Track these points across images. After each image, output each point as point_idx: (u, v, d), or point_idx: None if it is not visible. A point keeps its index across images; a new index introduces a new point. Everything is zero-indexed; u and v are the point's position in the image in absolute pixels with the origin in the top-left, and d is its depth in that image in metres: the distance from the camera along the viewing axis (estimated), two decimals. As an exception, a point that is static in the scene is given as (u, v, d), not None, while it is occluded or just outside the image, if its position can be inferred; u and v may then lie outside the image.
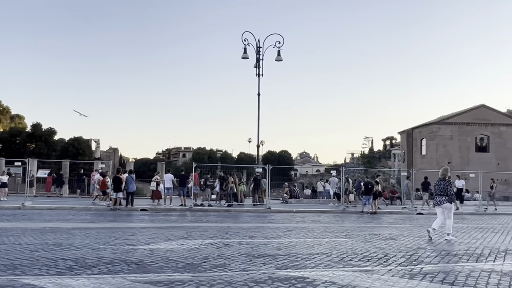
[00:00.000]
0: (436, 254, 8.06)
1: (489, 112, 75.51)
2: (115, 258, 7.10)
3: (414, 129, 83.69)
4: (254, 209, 19.47)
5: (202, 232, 10.75)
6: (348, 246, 8.91)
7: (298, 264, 6.94)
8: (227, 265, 6.73)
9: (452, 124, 74.19)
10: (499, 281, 6.01)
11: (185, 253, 7.68)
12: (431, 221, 15.80)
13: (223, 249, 8.28)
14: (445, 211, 10.22)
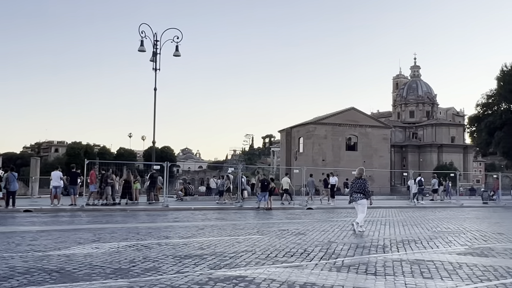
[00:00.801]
0: (348, 247, 8.73)
1: (358, 115, 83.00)
2: (30, 267, 6.39)
3: (292, 128, 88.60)
4: (151, 207, 18.91)
5: (111, 234, 10.16)
6: (266, 242, 9.19)
7: (229, 263, 6.98)
8: (159, 268, 6.50)
9: (327, 124, 79.99)
10: (411, 268, 6.77)
11: (107, 258, 7.21)
12: (324, 215, 17.06)
13: (145, 251, 7.95)
14: (360, 206, 11.19)
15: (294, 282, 5.78)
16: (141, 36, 21.23)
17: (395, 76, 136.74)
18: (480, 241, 10.03)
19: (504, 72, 38.02)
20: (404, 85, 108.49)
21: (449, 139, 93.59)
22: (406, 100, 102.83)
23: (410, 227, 12.78)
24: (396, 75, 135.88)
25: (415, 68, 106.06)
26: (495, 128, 43.42)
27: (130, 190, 19.44)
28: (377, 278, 6.12)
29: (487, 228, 12.85)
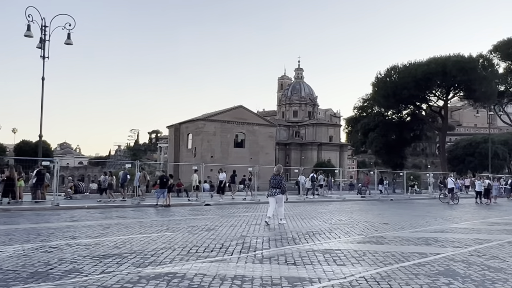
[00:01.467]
0: (262, 240, 9.17)
1: (246, 113, 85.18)
2: None
3: (181, 124, 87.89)
4: (39, 206, 17.47)
5: (7, 236, 9.30)
6: (182, 239, 9.22)
7: (153, 260, 6.93)
8: (81, 270, 6.23)
9: (216, 121, 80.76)
10: (324, 257, 7.41)
11: (16, 261, 6.68)
12: (225, 211, 17.43)
13: (56, 252, 7.49)
14: (278, 201, 12.04)
15: (225, 275, 6.00)
16: (28, 20, 19.39)
17: (280, 77, 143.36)
18: (372, 230, 11.24)
19: (378, 79, 42.40)
20: (289, 86, 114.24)
21: (327, 138, 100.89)
22: (290, 101, 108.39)
23: (308, 220, 13.73)
24: (281, 76, 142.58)
25: (299, 70, 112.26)
26: (369, 129, 48.19)
27: (13, 188, 17.72)
28: (298, 267, 6.62)
29: (373, 219, 14.38)
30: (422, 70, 38.37)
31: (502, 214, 18.19)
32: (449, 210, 19.53)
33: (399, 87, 39.03)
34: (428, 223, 13.35)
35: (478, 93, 40.55)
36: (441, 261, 7.23)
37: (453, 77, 37.55)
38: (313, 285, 5.58)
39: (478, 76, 38.04)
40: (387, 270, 6.52)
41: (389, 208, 20.56)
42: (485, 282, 5.86)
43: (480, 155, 59.62)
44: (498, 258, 7.61)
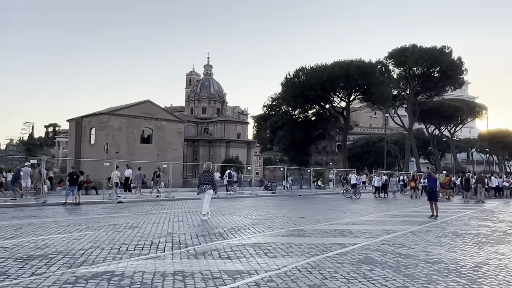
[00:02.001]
0: (190, 237, 9.29)
1: (154, 108, 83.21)
2: None
3: (83, 117, 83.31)
4: None
5: None
6: (107, 238, 9.00)
7: (85, 260, 6.76)
8: (7, 272, 5.89)
9: (121, 116, 77.79)
10: (255, 251, 7.77)
11: None
12: (141, 208, 17.08)
13: (-30, 256, 6.92)
14: (206, 196, 12.45)
15: (164, 272, 6.09)
16: None
17: (188, 73, 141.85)
18: (291, 224, 11.88)
19: (287, 79, 44.15)
20: (198, 82, 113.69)
21: (236, 135, 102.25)
22: (199, 97, 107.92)
23: (229, 216, 14.03)
24: (190, 72, 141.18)
25: (208, 67, 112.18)
26: (278, 127, 49.98)
27: None
28: (233, 261, 6.89)
29: (290, 214, 15.12)
30: (327, 73, 40.77)
31: (399, 207, 20.12)
32: (354, 204, 21.11)
33: (306, 88, 41.03)
34: (339, 217, 14.39)
35: (376, 96, 44.11)
36: (359, 250, 7.96)
37: (355, 80, 40.46)
38: (252, 277, 5.88)
39: (377, 80, 41.41)
40: (315, 260, 7.05)
41: (300, 203, 21.65)
42: (400, 267, 6.63)
43: (375, 153, 64.85)
44: (406, 246, 8.57)
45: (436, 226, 12.26)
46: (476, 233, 10.89)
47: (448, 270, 6.53)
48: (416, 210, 17.80)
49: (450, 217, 15.11)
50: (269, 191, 32.51)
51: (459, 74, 55.69)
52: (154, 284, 5.43)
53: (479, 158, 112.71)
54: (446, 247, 8.65)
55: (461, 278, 6.02)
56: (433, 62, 53.15)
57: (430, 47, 53.85)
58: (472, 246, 8.85)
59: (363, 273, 6.20)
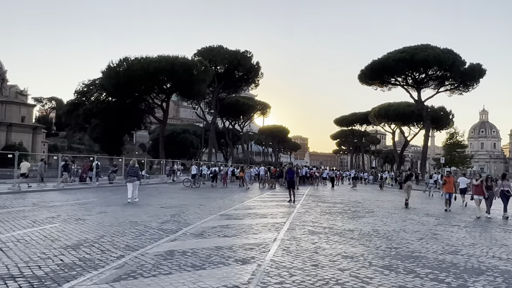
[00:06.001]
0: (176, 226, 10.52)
1: None
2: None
3: None
4: None
5: None
6: (87, 229, 9.50)
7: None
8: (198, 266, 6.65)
9: None
10: (217, 229, 9.81)
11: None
12: (46, 197, 15.97)
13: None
14: (134, 186, 16.50)
15: (185, 249, 7.74)
16: None
17: None
18: (221, 210, 13.85)
19: (110, 68, 43.02)
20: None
21: (19, 118, 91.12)
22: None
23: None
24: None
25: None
26: (92, 115, 48.01)
27: None
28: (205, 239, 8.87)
29: (174, 202, 16.79)
30: (154, 66, 41.63)
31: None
32: (217, 193, 23.75)
33: (131, 79, 41.03)
34: (232, 204, 16.90)
35: (195, 92, 47.27)
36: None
37: (179, 76, 42.60)
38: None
39: (199, 78, 44.45)
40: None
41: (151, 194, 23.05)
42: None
43: (179, 143, 68.23)
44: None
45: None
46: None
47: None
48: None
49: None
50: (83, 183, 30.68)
51: (256, 77, 63.70)
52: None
53: (257, 149, 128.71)
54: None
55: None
56: (236, 63, 59.47)
57: (234, 49, 60.06)
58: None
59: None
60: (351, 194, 28.40)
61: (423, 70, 54.53)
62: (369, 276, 6.34)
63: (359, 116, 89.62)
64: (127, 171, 16.97)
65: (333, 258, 7.50)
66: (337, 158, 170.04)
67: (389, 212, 16.28)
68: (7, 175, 31.45)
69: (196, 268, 6.44)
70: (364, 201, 21.47)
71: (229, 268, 6.51)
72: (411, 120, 66.18)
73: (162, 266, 6.48)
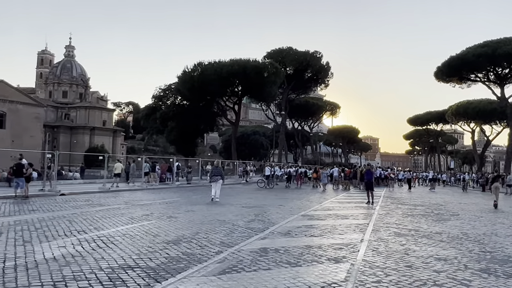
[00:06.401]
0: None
1: (8, 89, 75.15)
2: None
3: None
4: None
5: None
6: (181, 226, 10.17)
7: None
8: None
9: (-31, 96, 68.68)
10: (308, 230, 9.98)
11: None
12: (84, 200, 17.31)
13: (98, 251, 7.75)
14: (218, 185, 17.40)
15: (277, 247, 7.98)
16: None
17: (40, 52, 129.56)
18: (299, 210, 14.14)
19: (185, 73, 45.16)
20: (58, 63, 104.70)
21: (101, 123, 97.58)
22: (60, 80, 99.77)
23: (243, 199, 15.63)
24: (42, 51, 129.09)
25: (70, 47, 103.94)
26: (168, 118, 50.53)
27: None
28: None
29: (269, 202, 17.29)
30: (226, 70, 43.08)
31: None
32: (292, 194, 24.11)
33: (205, 83, 42.74)
34: (310, 205, 17.12)
35: (266, 94, 48.13)
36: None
37: (251, 78, 43.62)
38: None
39: (270, 80, 45.26)
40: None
41: (238, 193, 23.78)
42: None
43: (250, 145, 69.43)
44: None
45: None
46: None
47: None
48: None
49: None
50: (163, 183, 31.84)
51: (326, 77, 63.35)
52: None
53: (325, 150, 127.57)
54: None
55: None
56: (305, 64, 59.57)
57: (304, 50, 60.18)
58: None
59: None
60: (431, 196, 27.43)
61: (506, 65, 51.13)
62: (467, 278, 6.28)
63: (434, 115, 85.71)
64: (211, 171, 18.18)
65: (425, 260, 7.46)
66: (411, 159, 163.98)
67: (475, 215, 15.62)
68: (91, 176, 33.97)
69: (292, 265, 6.73)
70: (446, 204, 20.70)
71: (323, 266, 6.74)
72: (493, 118, 62.37)
73: (259, 262, 6.85)
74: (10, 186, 23.33)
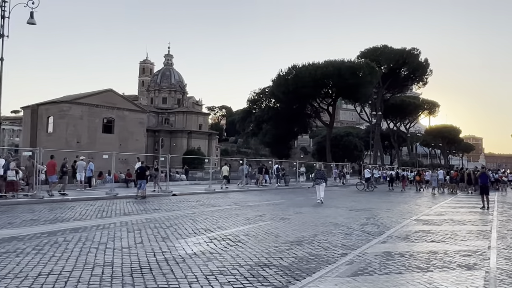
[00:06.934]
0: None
1: (115, 97, 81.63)
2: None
3: (40, 105, 79.91)
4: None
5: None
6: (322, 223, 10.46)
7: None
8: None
9: (83, 104, 75.52)
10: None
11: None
12: (195, 200, 18.19)
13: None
14: (321, 188, 17.75)
15: (401, 252, 7.80)
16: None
17: (142, 61, 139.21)
18: (410, 214, 13.85)
19: (280, 76, 46.13)
20: (158, 72, 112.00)
21: (197, 126, 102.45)
22: (160, 87, 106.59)
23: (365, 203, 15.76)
24: (143, 60, 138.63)
25: (168, 56, 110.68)
26: (263, 121, 51.83)
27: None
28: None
29: (394, 207, 17.11)
30: (321, 72, 43.19)
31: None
32: (396, 197, 23.52)
33: (299, 85, 43.19)
34: (420, 209, 16.60)
35: (361, 94, 47.33)
36: None
37: (346, 79, 43.20)
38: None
39: (365, 80, 44.47)
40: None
41: (349, 197, 23.69)
42: None
43: (343, 146, 68.36)
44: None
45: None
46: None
47: None
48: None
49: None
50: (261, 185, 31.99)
51: (424, 74, 60.43)
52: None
53: (422, 151, 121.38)
54: None
55: None
56: (402, 62, 57.36)
57: (400, 48, 57.99)
58: None
59: None
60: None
61: None
62: None
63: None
64: (314, 174, 18.75)
65: None
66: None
67: None
68: (189, 177, 35.81)
69: (422, 270, 6.68)
70: None
71: (456, 273, 6.59)
72: None
73: (389, 265, 6.88)
74: (127, 187, 25.60)
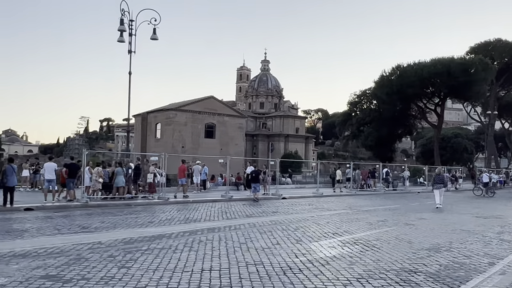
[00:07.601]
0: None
1: (216, 103, 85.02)
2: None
3: (149, 113, 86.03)
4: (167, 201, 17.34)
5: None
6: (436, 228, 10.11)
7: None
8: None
9: (187, 111, 79.83)
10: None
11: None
12: (307, 204, 18.12)
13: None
14: (441, 192, 17.51)
15: None
16: (121, 13, 18.82)
17: (239, 68, 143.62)
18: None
19: (383, 77, 44.84)
20: (256, 77, 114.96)
21: (294, 130, 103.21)
22: (257, 92, 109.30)
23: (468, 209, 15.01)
24: (240, 67, 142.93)
25: (265, 62, 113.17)
26: (364, 124, 50.72)
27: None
28: None
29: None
30: (428, 70, 41.11)
31: None
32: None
33: (404, 86, 41.56)
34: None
35: (472, 93, 44.16)
36: None
37: (456, 77, 40.63)
38: None
39: (479, 77, 41.44)
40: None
41: (469, 202, 22.41)
42: None
43: (451, 149, 64.20)
44: None
45: None
46: None
47: None
48: None
49: None
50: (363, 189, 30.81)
51: (545, 68, 54.50)
52: None
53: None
54: None
55: None
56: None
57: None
58: None
59: None
60: None
61: None
62: None
63: None
64: (433, 179, 18.59)
65: None
66: None
67: None
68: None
69: None
70: None
71: None
72: None
73: (550, 278, 6.43)
74: (238, 190, 26.63)
